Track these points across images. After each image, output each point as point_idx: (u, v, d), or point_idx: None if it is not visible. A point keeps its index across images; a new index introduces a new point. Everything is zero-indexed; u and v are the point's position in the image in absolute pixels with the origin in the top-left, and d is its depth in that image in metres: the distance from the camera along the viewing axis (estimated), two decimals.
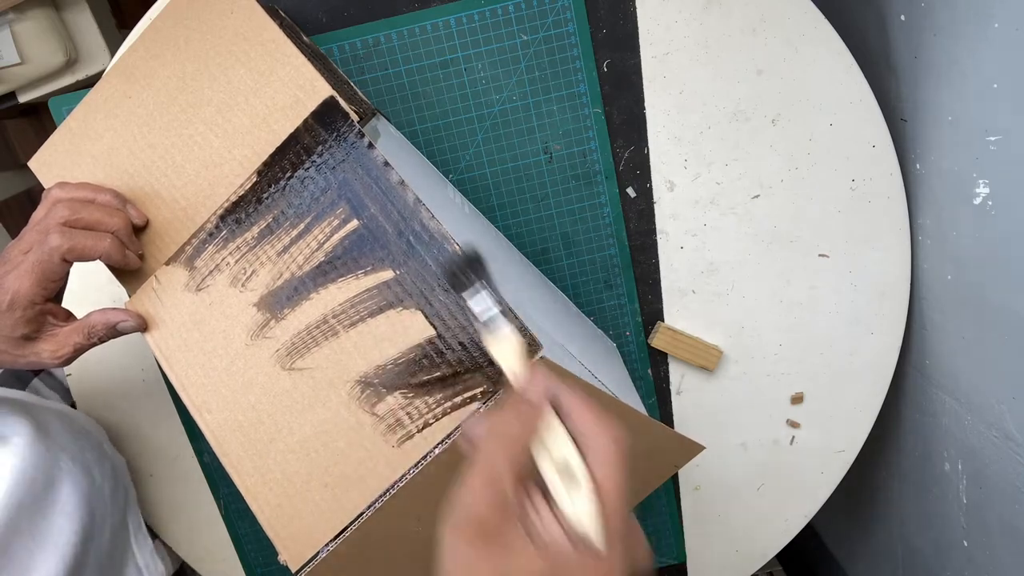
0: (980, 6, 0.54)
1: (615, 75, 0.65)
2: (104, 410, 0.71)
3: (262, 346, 0.45)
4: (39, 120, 1.33)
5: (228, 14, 0.50)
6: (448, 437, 0.41)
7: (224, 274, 0.47)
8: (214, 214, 0.48)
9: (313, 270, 0.45)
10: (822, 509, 0.74)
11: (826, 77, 0.65)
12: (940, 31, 0.59)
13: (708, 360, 0.70)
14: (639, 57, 0.65)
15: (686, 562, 0.77)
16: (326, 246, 0.45)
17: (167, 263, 0.49)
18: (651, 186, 0.67)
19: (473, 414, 0.40)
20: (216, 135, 0.49)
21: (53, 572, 0.52)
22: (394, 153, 0.48)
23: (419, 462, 0.41)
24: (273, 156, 0.47)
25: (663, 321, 0.70)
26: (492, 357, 0.38)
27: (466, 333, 0.41)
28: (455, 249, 0.41)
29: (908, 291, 0.69)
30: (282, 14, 0.57)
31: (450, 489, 0.32)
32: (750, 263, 0.69)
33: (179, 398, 0.49)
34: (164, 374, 0.58)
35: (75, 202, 0.47)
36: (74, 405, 0.71)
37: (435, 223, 0.42)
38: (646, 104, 0.66)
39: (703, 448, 0.53)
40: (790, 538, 0.76)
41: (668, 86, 0.65)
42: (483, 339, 0.38)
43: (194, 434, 0.71)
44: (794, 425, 0.72)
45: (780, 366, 0.71)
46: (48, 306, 0.48)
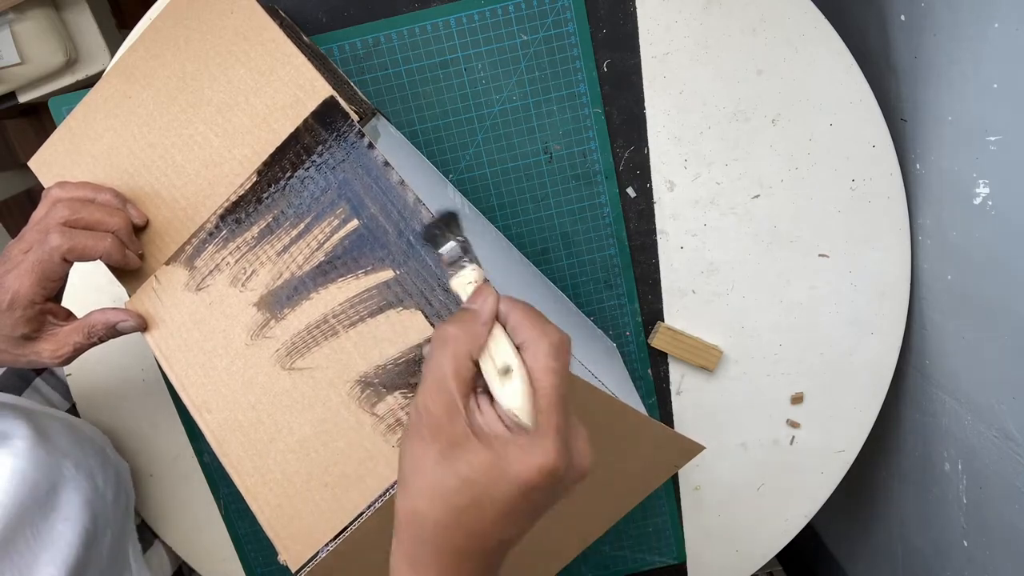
0: (980, 6, 0.54)
1: (615, 75, 0.65)
2: (104, 410, 0.71)
3: (262, 346, 0.45)
4: (39, 120, 1.33)
5: (228, 14, 0.50)
6: None
7: (224, 274, 0.47)
8: (214, 214, 0.48)
9: (313, 270, 0.45)
10: (822, 509, 0.74)
11: (826, 77, 0.65)
12: (940, 31, 0.59)
13: (708, 360, 0.70)
14: (639, 57, 0.65)
15: (686, 562, 0.77)
16: (326, 246, 0.45)
17: (167, 263, 0.49)
18: (651, 186, 0.67)
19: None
20: (216, 135, 0.49)
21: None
22: (394, 153, 0.48)
23: None
24: (273, 156, 0.47)
25: (663, 321, 0.70)
26: (453, 291, 0.41)
27: None
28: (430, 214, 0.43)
29: (908, 291, 0.69)
30: (282, 14, 0.57)
31: None
32: (750, 263, 0.69)
33: (179, 398, 0.49)
34: (164, 374, 0.58)
35: (75, 202, 0.47)
36: (75, 404, 0.71)
37: None
38: (646, 104, 0.66)
39: (703, 448, 0.53)
40: (790, 538, 0.76)
41: (668, 86, 0.65)
42: (448, 279, 0.41)
43: (194, 434, 0.71)
44: (794, 425, 0.72)
45: (780, 366, 0.71)
46: (48, 305, 0.48)
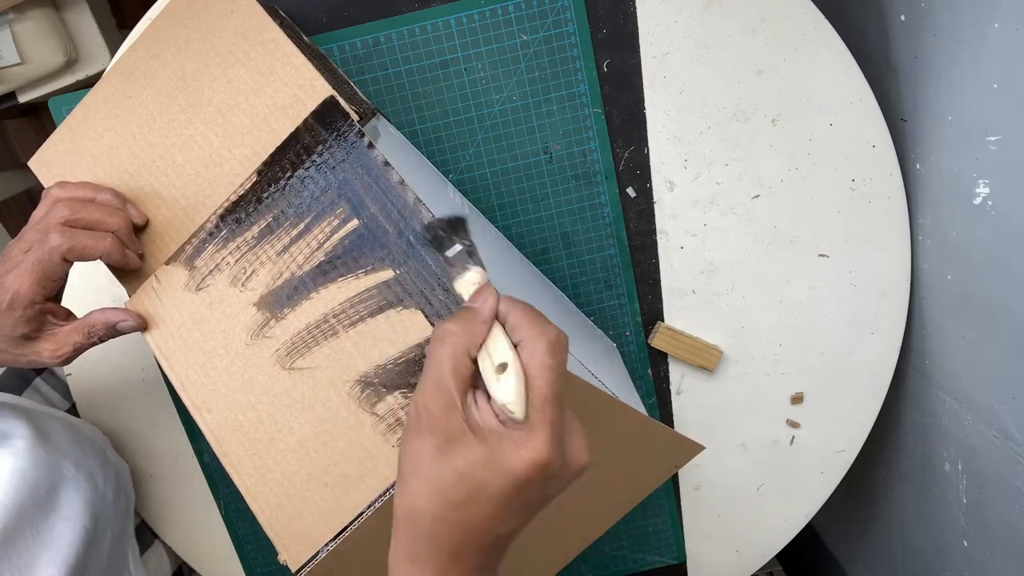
0: (980, 6, 0.54)
1: (615, 75, 0.65)
2: (104, 410, 0.70)
3: (262, 346, 0.45)
4: (39, 120, 1.33)
5: (228, 14, 0.50)
6: None
7: (224, 274, 0.47)
8: (214, 214, 0.48)
9: (313, 270, 0.45)
10: (822, 509, 0.74)
11: (826, 77, 0.65)
12: (940, 31, 0.59)
13: (708, 360, 0.70)
14: (639, 57, 0.65)
15: (686, 562, 0.77)
16: (326, 246, 0.45)
17: (167, 263, 0.49)
18: (651, 186, 0.67)
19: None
20: (216, 135, 0.49)
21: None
22: (394, 153, 0.48)
23: None
24: (273, 156, 0.47)
25: (663, 321, 0.70)
26: (455, 291, 0.41)
27: None
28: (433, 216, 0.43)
29: (908, 291, 0.69)
30: (282, 14, 0.57)
31: None
32: (750, 263, 0.69)
33: (179, 398, 0.49)
34: (164, 374, 0.58)
35: (75, 201, 0.47)
36: (75, 404, 0.71)
37: None
38: (646, 104, 0.66)
39: (703, 448, 0.53)
40: (790, 538, 0.76)
41: (668, 86, 0.65)
42: (451, 280, 0.41)
43: (194, 434, 0.71)
44: (794, 425, 0.72)
45: (780, 366, 0.71)
46: (48, 305, 0.48)
